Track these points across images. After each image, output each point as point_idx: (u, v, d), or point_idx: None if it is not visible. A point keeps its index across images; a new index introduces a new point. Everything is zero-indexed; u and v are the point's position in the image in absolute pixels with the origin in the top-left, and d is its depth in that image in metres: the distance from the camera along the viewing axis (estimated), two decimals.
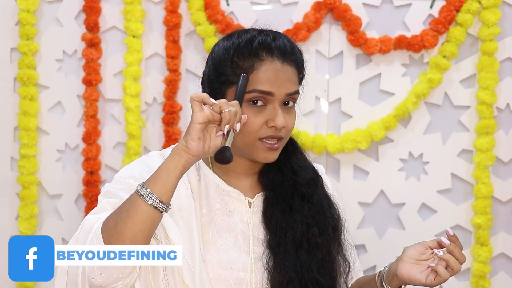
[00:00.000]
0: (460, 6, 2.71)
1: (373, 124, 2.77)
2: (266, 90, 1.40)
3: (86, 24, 2.79)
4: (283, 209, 1.49)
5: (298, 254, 1.46)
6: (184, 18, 2.81)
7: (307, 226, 1.48)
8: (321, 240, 1.48)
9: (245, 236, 1.47)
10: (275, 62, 1.42)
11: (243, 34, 1.46)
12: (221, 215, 1.47)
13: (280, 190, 1.51)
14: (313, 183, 1.54)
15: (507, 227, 2.82)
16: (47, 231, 2.87)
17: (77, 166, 2.87)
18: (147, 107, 2.85)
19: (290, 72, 1.44)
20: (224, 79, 1.43)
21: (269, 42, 1.43)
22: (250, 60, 1.41)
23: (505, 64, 2.77)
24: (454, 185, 2.82)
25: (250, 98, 1.40)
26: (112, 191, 1.41)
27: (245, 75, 1.38)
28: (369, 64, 2.80)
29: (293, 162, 1.54)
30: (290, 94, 1.43)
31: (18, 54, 2.79)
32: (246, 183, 1.52)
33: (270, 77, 1.41)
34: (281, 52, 1.43)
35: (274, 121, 1.41)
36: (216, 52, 1.47)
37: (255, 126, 1.41)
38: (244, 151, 1.45)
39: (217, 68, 1.45)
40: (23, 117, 2.79)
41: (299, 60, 1.47)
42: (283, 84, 1.42)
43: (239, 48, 1.43)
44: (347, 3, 2.74)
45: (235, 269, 1.44)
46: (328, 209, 1.54)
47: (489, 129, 2.74)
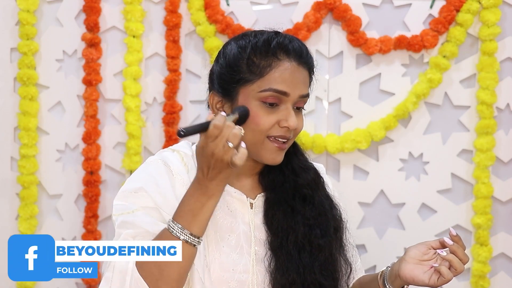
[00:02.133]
0: (460, 6, 2.71)
1: (373, 124, 2.77)
2: (282, 90, 1.40)
3: (86, 24, 2.79)
4: (284, 211, 1.48)
5: (301, 256, 1.45)
6: (184, 18, 2.81)
7: (309, 227, 1.47)
8: (323, 242, 1.47)
9: (247, 237, 1.46)
10: (292, 63, 1.42)
11: (260, 34, 1.46)
12: (224, 215, 1.46)
13: (281, 191, 1.50)
14: (314, 184, 1.54)
15: (507, 227, 2.82)
16: (47, 231, 2.87)
17: (77, 166, 2.87)
18: (147, 107, 2.85)
19: (304, 74, 1.44)
20: (238, 78, 1.42)
21: (287, 43, 1.43)
22: (267, 59, 1.41)
23: (505, 64, 2.77)
24: (454, 185, 2.82)
25: (265, 97, 1.40)
26: (128, 221, 1.38)
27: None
28: (369, 64, 2.80)
29: (294, 163, 1.54)
30: (303, 96, 1.44)
31: (18, 54, 2.79)
32: (247, 183, 1.52)
33: (287, 78, 1.41)
34: (297, 54, 1.43)
35: (287, 121, 1.40)
36: (229, 50, 1.46)
37: (266, 125, 1.40)
38: (251, 150, 1.42)
39: (231, 65, 1.44)
40: (23, 117, 2.79)
41: (312, 64, 1.48)
42: (298, 85, 1.42)
43: (256, 47, 1.43)
44: (347, 3, 2.74)
45: (237, 271, 1.43)
46: (330, 210, 1.53)
47: (489, 129, 2.74)
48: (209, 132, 1.26)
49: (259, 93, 1.39)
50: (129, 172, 2.83)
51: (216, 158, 1.26)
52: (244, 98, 1.41)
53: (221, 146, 1.25)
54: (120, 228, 1.38)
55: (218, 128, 1.26)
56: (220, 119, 1.26)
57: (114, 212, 1.41)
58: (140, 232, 1.35)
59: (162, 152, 1.51)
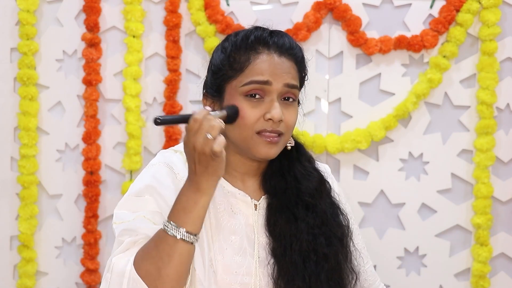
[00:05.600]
0: (460, 6, 2.71)
1: (373, 124, 2.77)
2: (262, 79, 1.38)
3: (86, 24, 2.79)
4: (287, 218, 1.45)
5: (305, 264, 1.43)
6: (184, 18, 2.81)
7: (313, 236, 1.45)
8: (328, 251, 1.45)
9: (250, 239, 1.44)
10: (271, 54, 1.41)
11: (241, 31, 1.47)
12: (227, 217, 1.44)
13: (283, 198, 1.47)
14: (317, 193, 1.50)
15: (507, 227, 2.82)
16: (47, 231, 2.87)
17: (77, 166, 2.87)
18: (147, 107, 2.85)
19: (287, 65, 1.42)
20: (223, 76, 1.42)
21: (265, 36, 1.42)
22: (246, 54, 1.41)
23: (505, 64, 2.77)
24: (454, 185, 2.82)
25: (247, 90, 1.39)
26: (129, 228, 1.36)
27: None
28: (369, 64, 2.80)
29: (297, 169, 1.50)
30: (289, 86, 1.41)
31: (18, 54, 2.79)
32: (251, 184, 1.50)
33: (267, 68, 1.39)
34: (278, 46, 1.42)
35: (270, 113, 1.38)
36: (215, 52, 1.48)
37: (251, 120, 1.38)
38: (243, 148, 1.42)
39: (217, 65, 1.45)
40: (23, 117, 2.79)
41: (298, 55, 1.45)
42: (281, 75, 1.40)
43: (236, 44, 1.43)
44: (347, 3, 2.74)
45: (240, 273, 1.41)
46: (333, 218, 1.50)
47: (489, 129, 2.74)
48: (189, 126, 1.26)
49: (242, 87, 1.39)
50: (129, 172, 2.83)
51: (198, 151, 1.25)
52: (230, 95, 1.40)
53: (201, 139, 1.25)
54: (121, 237, 1.36)
55: (197, 122, 1.26)
56: (200, 113, 1.27)
57: (115, 220, 1.40)
58: (141, 238, 1.34)
59: (164, 153, 1.50)
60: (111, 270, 1.32)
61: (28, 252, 2.82)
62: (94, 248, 2.85)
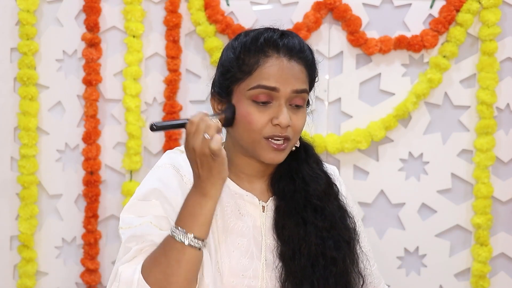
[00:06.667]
0: (460, 6, 2.71)
1: (373, 124, 2.77)
2: (270, 85, 1.36)
3: (86, 24, 2.79)
4: (296, 221, 1.43)
5: (314, 268, 1.41)
6: (184, 18, 2.81)
7: (322, 239, 1.43)
8: (337, 254, 1.43)
9: (257, 242, 1.42)
10: (280, 58, 1.38)
11: (251, 31, 1.44)
12: (235, 219, 1.43)
13: (292, 201, 1.45)
14: (325, 196, 1.48)
15: (507, 227, 2.82)
16: (47, 231, 2.87)
17: (77, 166, 2.87)
18: (147, 107, 2.85)
19: (297, 69, 1.39)
20: (231, 78, 1.40)
21: (276, 38, 1.40)
22: (255, 56, 1.38)
23: (505, 64, 2.77)
24: (454, 185, 2.82)
25: (255, 95, 1.37)
26: (136, 234, 1.35)
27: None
28: (369, 64, 2.80)
29: (305, 171, 1.48)
30: (297, 92, 1.39)
31: (18, 54, 2.79)
32: (258, 186, 1.48)
33: (275, 73, 1.37)
34: (288, 48, 1.39)
35: (278, 118, 1.36)
36: (224, 51, 1.46)
37: (259, 125, 1.36)
38: (250, 150, 1.40)
39: (225, 66, 1.42)
40: (23, 117, 2.79)
41: (309, 58, 1.43)
42: (289, 80, 1.37)
43: (245, 45, 1.40)
44: (347, 3, 2.74)
45: (247, 276, 1.39)
46: (341, 221, 1.48)
47: (489, 129, 2.74)
48: (187, 129, 1.27)
49: (249, 91, 1.37)
50: (129, 172, 2.83)
51: (198, 153, 1.25)
52: (237, 97, 1.39)
53: (199, 140, 1.25)
54: (128, 243, 1.35)
55: (193, 124, 1.26)
56: (196, 115, 1.27)
57: (121, 225, 1.39)
58: (147, 245, 1.33)
59: (170, 154, 1.49)
60: (118, 279, 1.30)
61: (28, 252, 2.83)
62: (94, 248, 2.85)
